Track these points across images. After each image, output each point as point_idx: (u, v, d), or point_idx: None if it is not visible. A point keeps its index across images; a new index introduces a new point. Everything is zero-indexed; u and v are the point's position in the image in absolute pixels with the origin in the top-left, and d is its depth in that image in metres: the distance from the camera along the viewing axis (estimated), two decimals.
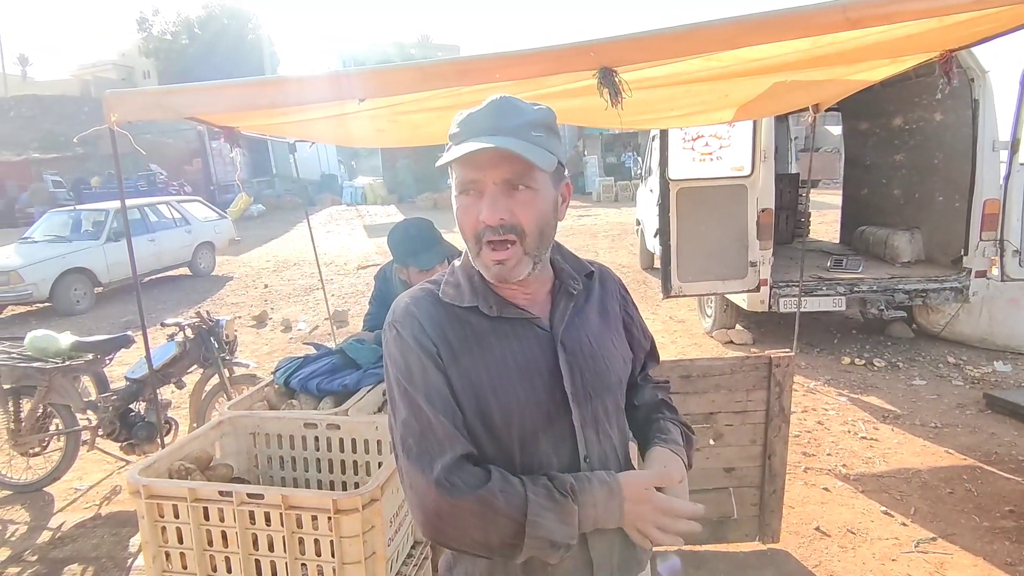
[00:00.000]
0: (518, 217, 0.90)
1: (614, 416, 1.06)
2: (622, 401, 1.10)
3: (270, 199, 21.26)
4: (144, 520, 1.37)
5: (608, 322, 1.09)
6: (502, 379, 0.95)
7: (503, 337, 0.97)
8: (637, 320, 1.18)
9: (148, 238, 9.48)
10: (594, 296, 1.09)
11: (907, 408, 4.17)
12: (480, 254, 0.94)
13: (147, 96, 2.58)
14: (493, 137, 0.88)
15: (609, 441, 1.03)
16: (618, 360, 1.06)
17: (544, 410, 0.96)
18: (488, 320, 0.98)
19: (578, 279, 1.07)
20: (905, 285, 5.06)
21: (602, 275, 1.14)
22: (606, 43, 2.03)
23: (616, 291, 1.15)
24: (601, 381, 1.01)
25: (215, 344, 3.71)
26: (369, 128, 3.37)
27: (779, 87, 3.08)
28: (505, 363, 0.96)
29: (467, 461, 0.92)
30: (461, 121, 0.93)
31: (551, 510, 0.89)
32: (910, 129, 5.89)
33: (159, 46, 36.75)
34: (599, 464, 1.00)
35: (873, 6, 1.84)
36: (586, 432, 0.99)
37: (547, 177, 0.94)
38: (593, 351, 1.02)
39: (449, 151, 0.92)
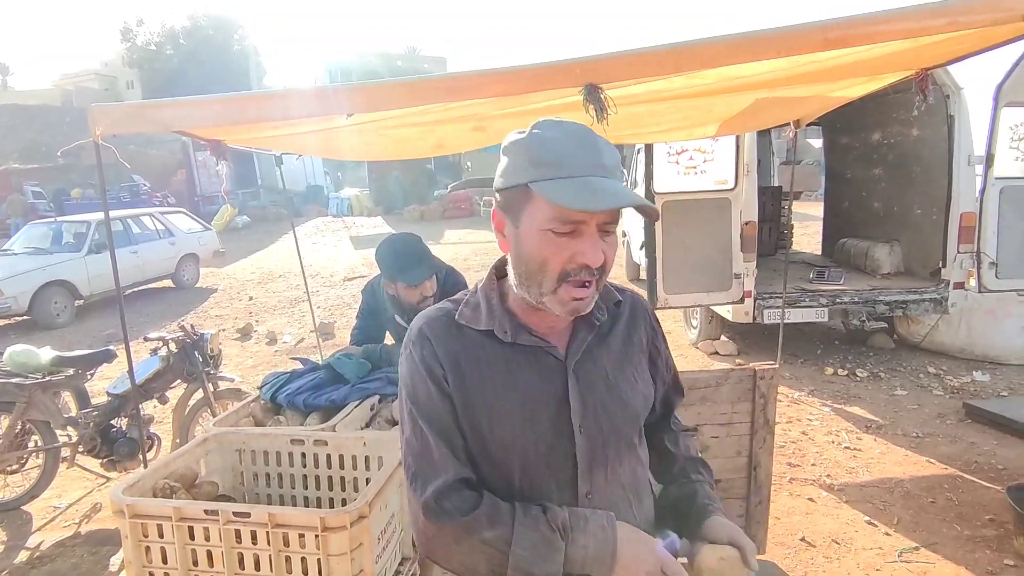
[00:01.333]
0: (607, 258, 0.89)
1: (626, 454, 1.01)
2: (638, 439, 1.05)
3: (255, 210, 21.10)
4: (128, 540, 1.35)
5: (631, 354, 1.04)
6: (505, 406, 0.94)
7: (514, 364, 0.96)
8: (664, 353, 1.12)
9: (131, 250, 9.37)
10: (620, 326, 1.05)
11: (889, 418, 4.22)
12: (558, 290, 0.89)
13: (133, 110, 2.57)
14: (608, 180, 0.85)
15: (617, 480, 0.99)
16: (638, 396, 1.02)
17: (547, 441, 0.94)
18: (501, 345, 0.96)
19: (604, 309, 1.02)
20: (885, 296, 5.14)
21: (633, 304, 1.09)
22: (591, 61, 2.06)
23: (646, 322, 1.09)
24: (615, 416, 0.98)
25: (199, 358, 3.67)
26: (356, 142, 3.38)
27: (761, 103, 3.14)
28: (512, 390, 0.94)
29: (463, 485, 0.92)
30: (551, 150, 0.86)
31: (536, 543, 0.87)
32: (888, 144, 6.02)
33: (143, 56, 36.55)
34: (604, 502, 0.96)
35: (851, 27, 1.89)
36: (593, 468, 0.96)
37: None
38: (609, 383, 0.99)
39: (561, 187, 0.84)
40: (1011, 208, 4.88)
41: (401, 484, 1.64)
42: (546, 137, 0.87)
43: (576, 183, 0.83)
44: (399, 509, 1.61)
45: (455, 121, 2.92)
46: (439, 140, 3.53)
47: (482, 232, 16.34)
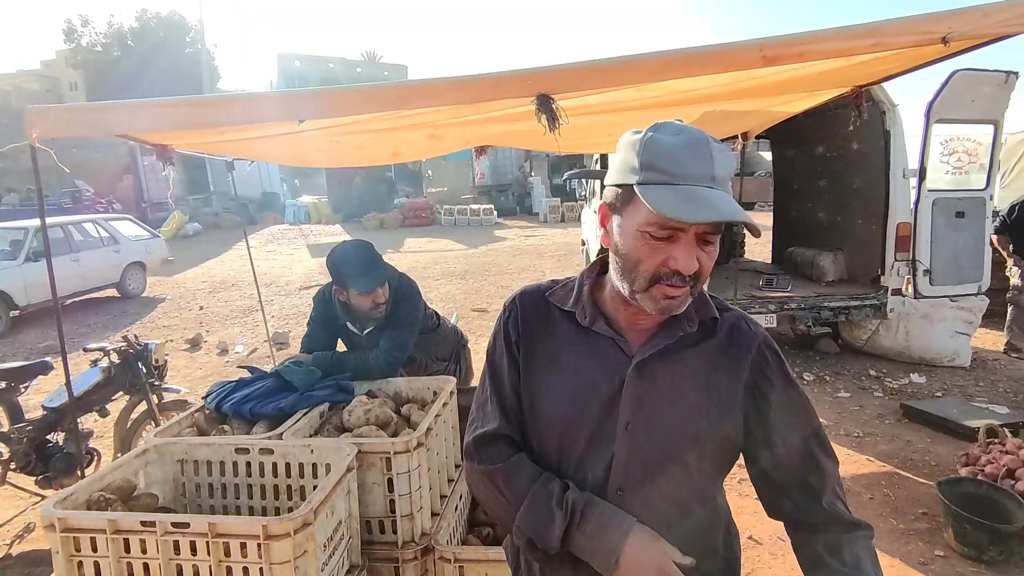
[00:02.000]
0: (703, 266, 0.90)
1: (676, 475, 0.96)
2: (701, 472, 0.98)
3: (207, 217, 20.49)
4: (59, 556, 1.29)
5: (713, 378, 0.98)
6: (560, 384, 0.99)
7: (584, 348, 1.00)
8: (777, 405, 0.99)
9: (71, 258, 8.96)
10: (708, 344, 1.00)
11: (833, 419, 4.39)
12: (650, 289, 0.91)
13: (73, 113, 2.49)
14: (712, 191, 0.85)
15: (656, 494, 0.96)
16: (702, 422, 0.96)
17: (591, 428, 0.97)
18: (578, 328, 1.01)
19: (695, 321, 0.99)
20: (830, 303, 5.36)
21: (735, 330, 1.01)
22: (543, 72, 2.10)
23: (750, 357, 0.99)
24: (668, 429, 0.95)
25: (143, 369, 3.54)
26: (310, 148, 3.35)
27: (708, 116, 3.25)
28: (573, 371, 0.99)
29: (502, 440, 1.03)
30: (662, 155, 0.86)
31: (541, 513, 0.93)
32: (831, 156, 6.30)
33: (88, 58, 35.12)
34: (633, 505, 0.95)
35: (786, 46, 1.99)
36: (629, 468, 0.96)
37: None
38: (673, 394, 0.96)
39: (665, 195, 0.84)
40: (942, 219, 5.18)
41: (349, 492, 1.63)
42: (660, 141, 0.87)
43: (679, 191, 0.84)
44: (347, 516, 1.59)
45: (411, 128, 2.93)
46: (395, 147, 3.53)
47: (443, 240, 16.29)
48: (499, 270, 11.11)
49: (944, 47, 1.98)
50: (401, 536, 1.78)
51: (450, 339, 3.11)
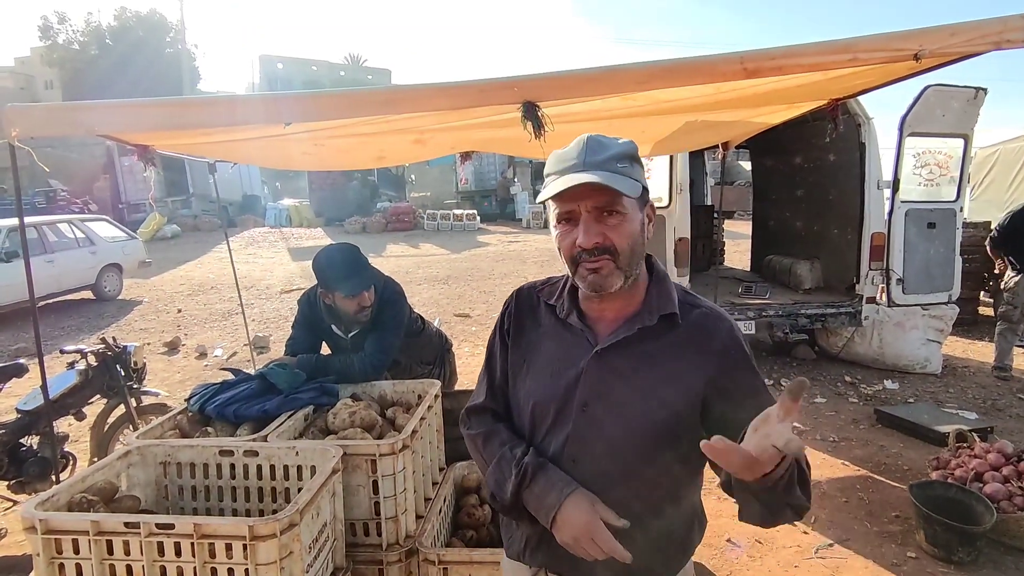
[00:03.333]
0: (611, 239, 1.02)
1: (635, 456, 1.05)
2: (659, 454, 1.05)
3: (186, 220, 20.20)
4: (40, 558, 1.28)
5: (675, 369, 1.05)
6: (537, 368, 1.14)
7: (559, 337, 1.14)
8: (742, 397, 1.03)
9: (46, 259, 8.77)
10: (671, 337, 1.07)
11: (809, 424, 4.48)
12: (577, 271, 1.05)
13: (54, 112, 2.46)
14: (582, 173, 0.99)
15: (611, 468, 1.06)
16: (662, 411, 1.04)
17: (556, 406, 1.11)
18: (556, 320, 1.15)
19: (655, 315, 1.07)
20: (807, 310, 5.46)
21: (703, 327, 1.08)
22: (529, 80, 2.14)
23: (714, 353, 1.06)
24: (626, 414, 1.05)
25: (121, 372, 3.50)
26: (294, 151, 3.34)
27: (691, 126, 3.31)
28: (547, 356, 1.14)
29: (488, 412, 1.23)
30: (553, 160, 1.06)
31: (502, 473, 1.11)
32: (809, 167, 6.44)
33: (65, 56, 34.50)
34: (594, 477, 1.06)
35: (766, 59, 2.05)
36: (583, 440, 1.08)
37: (634, 202, 1.04)
38: (628, 379, 1.06)
39: (546, 188, 1.05)
40: (915, 229, 5.33)
41: (335, 494, 1.63)
42: (553, 154, 1.07)
43: (555, 181, 1.02)
44: (332, 518, 1.60)
45: (396, 133, 2.94)
46: (380, 152, 3.54)
47: (425, 245, 16.26)
48: (482, 275, 11.12)
49: (916, 63, 2.05)
50: (386, 538, 1.78)
51: (434, 343, 3.12)
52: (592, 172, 0.99)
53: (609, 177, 0.98)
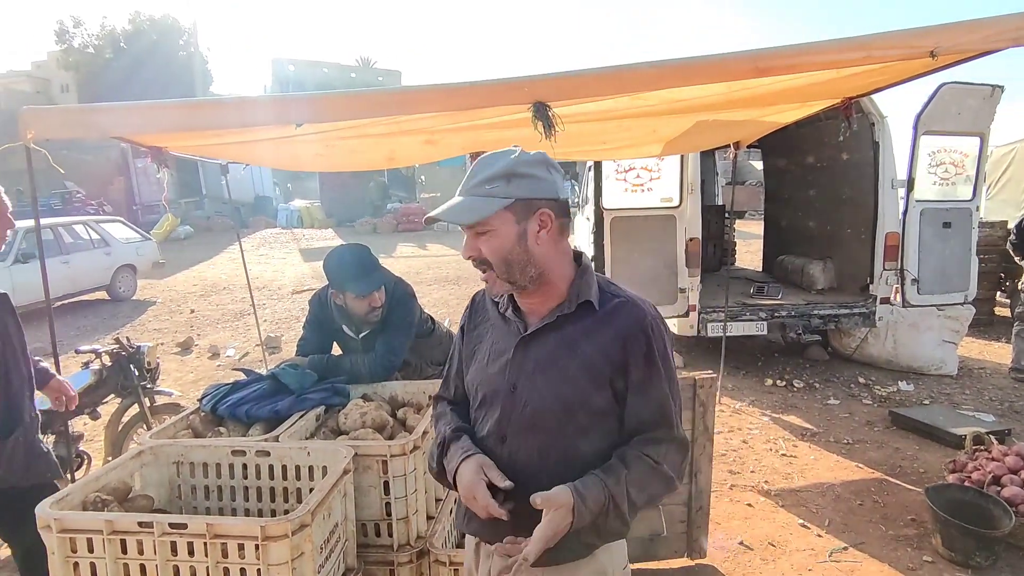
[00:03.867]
0: (483, 254, 1.15)
1: (550, 436, 1.17)
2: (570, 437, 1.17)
3: (199, 221, 20.37)
4: (55, 556, 1.29)
5: (585, 351, 1.16)
6: (480, 357, 1.29)
7: (500, 329, 1.27)
8: (642, 385, 1.16)
9: (61, 260, 8.87)
10: (584, 323, 1.18)
11: (823, 426, 4.43)
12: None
13: (69, 114, 2.49)
14: (454, 198, 1.16)
15: (530, 443, 1.19)
16: (569, 387, 1.16)
17: (492, 389, 1.24)
18: (499, 315, 1.28)
19: (573, 303, 1.19)
20: (820, 311, 5.41)
21: (615, 315, 1.18)
22: (539, 80, 2.13)
23: (624, 337, 1.15)
24: (542, 390, 1.18)
25: (135, 372, 3.53)
26: (306, 152, 3.36)
27: (702, 125, 3.29)
28: (488, 346, 1.28)
29: (445, 399, 1.40)
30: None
31: (432, 447, 1.32)
32: (821, 167, 6.38)
33: (80, 59, 34.92)
34: (517, 452, 1.19)
35: (778, 57, 2.03)
36: (511, 419, 1.20)
37: (505, 217, 1.13)
38: (548, 362, 1.18)
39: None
40: (930, 229, 5.26)
41: (346, 495, 1.64)
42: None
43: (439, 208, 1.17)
44: (343, 518, 1.60)
45: (406, 134, 2.95)
46: (390, 152, 3.55)
47: (436, 246, 16.30)
48: None
49: (932, 60, 2.02)
50: (397, 539, 1.78)
51: (445, 343, 3.11)
52: (461, 197, 1.15)
53: (467, 203, 1.13)
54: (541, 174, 1.15)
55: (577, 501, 1.05)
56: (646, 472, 1.13)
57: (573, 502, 1.05)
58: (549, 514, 1.04)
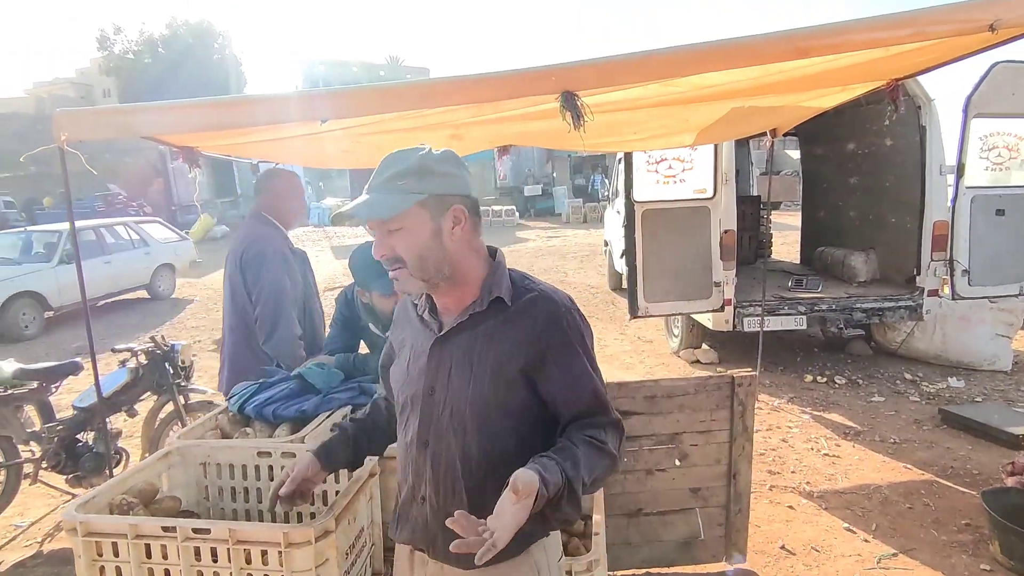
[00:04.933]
0: (396, 251, 1.13)
1: (472, 434, 1.16)
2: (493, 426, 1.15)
3: (234, 220, 20.81)
4: (81, 559, 1.28)
5: (500, 346, 1.16)
6: (400, 360, 1.30)
7: (419, 332, 1.26)
8: (560, 374, 1.15)
9: (103, 260, 9.17)
10: (497, 319, 1.18)
11: (867, 424, 4.25)
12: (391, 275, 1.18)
13: (100, 115, 2.51)
14: (364, 195, 1.12)
15: (454, 444, 1.18)
16: (487, 383, 1.15)
17: (412, 390, 1.23)
18: (419, 318, 1.27)
19: (485, 301, 1.18)
20: (862, 304, 5.20)
21: (529, 308, 1.17)
22: (567, 68, 2.05)
23: (538, 327, 1.15)
24: (460, 388, 1.17)
25: (170, 370, 3.58)
26: (333, 149, 3.35)
27: (736, 112, 3.16)
28: (407, 349, 1.28)
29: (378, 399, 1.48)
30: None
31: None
32: (863, 153, 6.13)
33: (121, 65, 36.03)
34: (441, 453, 1.19)
35: (820, 36, 1.91)
36: (431, 421, 1.20)
37: (419, 213, 1.12)
38: (463, 361, 1.18)
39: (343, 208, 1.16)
40: (982, 217, 4.99)
41: (372, 498, 1.60)
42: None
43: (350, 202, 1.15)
44: (368, 523, 1.56)
45: (432, 128, 2.90)
46: None
47: None
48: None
49: (991, 35, 1.87)
50: None
51: None
52: (369, 193, 1.12)
53: (378, 199, 1.11)
54: (453, 171, 1.15)
55: (541, 486, 0.96)
56: (594, 453, 1.10)
57: (539, 486, 0.96)
58: (519, 499, 0.94)
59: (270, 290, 2.63)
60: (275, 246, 2.75)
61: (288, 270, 2.72)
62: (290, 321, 2.66)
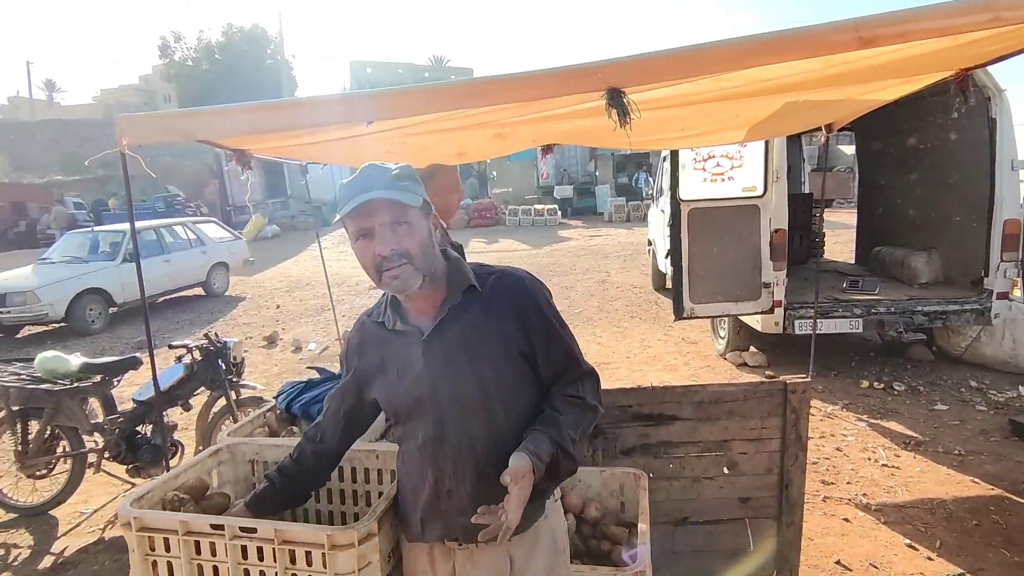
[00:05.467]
0: (404, 245, 1.19)
1: (483, 414, 1.25)
2: (502, 408, 1.26)
3: (284, 220, 21.45)
4: (135, 554, 1.32)
5: (488, 327, 1.26)
6: (387, 379, 1.32)
7: (395, 344, 1.31)
8: (544, 340, 1.28)
9: (163, 259, 9.57)
10: (477, 305, 1.27)
11: (929, 434, 4.03)
12: (381, 280, 1.21)
13: (158, 120, 2.60)
14: (370, 192, 1.17)
15: (468, 432, 1.26)
16: (487, 364, 1.25)
17: (413, 399, 1.28)
18: (387, 331, 1.32)
19: (458, 293, 1.27)
20: (924, 307, 4.94)
21: (499, 287, 1.29)
22: (613, 64, 2.01)
23: (514, 302, 1.27)
24: (462, 379, 1.25)
25: (222, 366, 3.69)
26: (378, 150, 3.38)
27: (790, 107, 3.05)
28: (393, 365, 1.31)
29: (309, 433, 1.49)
30: (342, 187, 1.22)
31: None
32: (925, 148, 5.82)
33: (180, 71, 37.62)
34: (458, 444, 1.26)
35: (886, 25, 1.80)
36: (444, 419, 1.26)
37: (418, 212, 1.22)
38: (460, 351, 1.25)
39: (341, 209, 1.19)
40: None
41: None
42: (344, 183, 1.23)
43: (351, 202, 1.17)
44: None
45: (476, 128, 2.89)
46: (460, 148, 3.51)
47: (507, 241, 16.35)
48: (563, 271, 10.99)
49: None
50: None
51: None
52: (380, 191, 1.17)
53: (395, 193, 1.17)
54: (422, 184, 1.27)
55: (534, 460, 1.16)
56: (575, 411, 1.27)
57: (531, 463, 1.16)
58: (519, 482, 1.13)
59: None
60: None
61: None
62: None
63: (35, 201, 23.36)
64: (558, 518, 1.41)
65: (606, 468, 2.09)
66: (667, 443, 2.49)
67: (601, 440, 2.46)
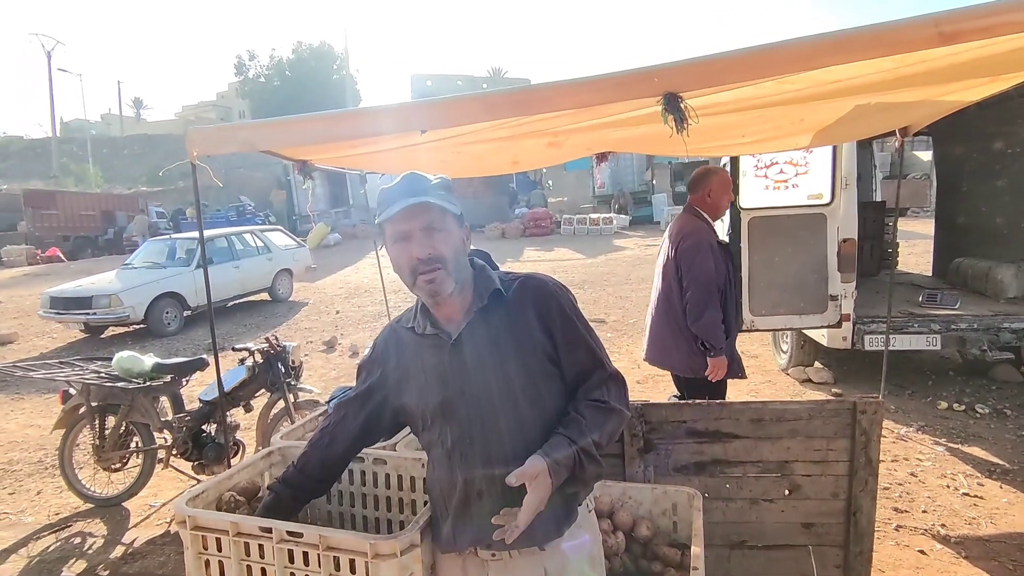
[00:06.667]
0: (440, 250, 1.24)
1: (510, 415, 1.27)
2: (529, 408, 1.28)
3: (346, 228, 22.13)
4: (189, 552, 1.36)
5: (514, 330, 1.29)
6: (414, 384, 1.35)
7: (425, 349, 1.35)
8: (567, 341, 1.31)
9: (233, 265, 10.05)
10: (503, 308, 1.31)
11: (1018, 463, 3.70)
12: (415, 283, 1.26)
13: (223, 132, 2.73)
14: (409, 199, 1.22)
15: (497, 432, 1.27)
16: (514, 365, 1.27)
17: (441, 402, 1.30)
18: (416, 336, 1.36)
19: (485, 297, 1.31)
20: (1012, 323, 4.56)
21: (523, 290, 1.32)
22: (670, 68, 1.95)
23: (538, 305, 1.30)
24: (489, 381, 1.27)
25: (282, 369, 3.82)
26: (433, 159, 3.42)
27: (861, 110, 2.89)
28: (419, 368, 1.34)
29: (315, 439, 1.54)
30: (383, 192, 1.28)
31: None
32: (1013, 153, 5.40)
33: (253, 88, 39.67)
34: (487, 445, 1.27)
35: (970, 19, 1.67)
36: (471, 420, 1.28)
37: (454, 220, 1.28)
38: (487, 354, 1.28)
39: (382, 213, 1.25)
40: None
41: None
42: (385, 188, 1.28)
43: (395, 206, 1.23)
44: None
45: (530, 136, 2.88)
46: (514, 156, 3.50)
47: (562, 250, 16.28)
48: (618, 280, 10.83)
49: None
50: None
51: None
52: (422, 197, 1.22)
53: (437, 199, 1.23)
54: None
55: (549, 462, 1.17)
56: (599, 414, 1.28)
57: (546, 464, 1.17)
58: (531, 484, 1.15)
59: (701, 278, 2.95)
60: (706, 238, 3.06)
61: (715, 260, 3.02)
62: (716, 307, 2.96)
63: (123, 210, 25.09)
64: (591, 528, 1.40)
65: (658, 486, 2.01)
66: (723, 461, 2.38)
67: (653, 456, 2.38)
